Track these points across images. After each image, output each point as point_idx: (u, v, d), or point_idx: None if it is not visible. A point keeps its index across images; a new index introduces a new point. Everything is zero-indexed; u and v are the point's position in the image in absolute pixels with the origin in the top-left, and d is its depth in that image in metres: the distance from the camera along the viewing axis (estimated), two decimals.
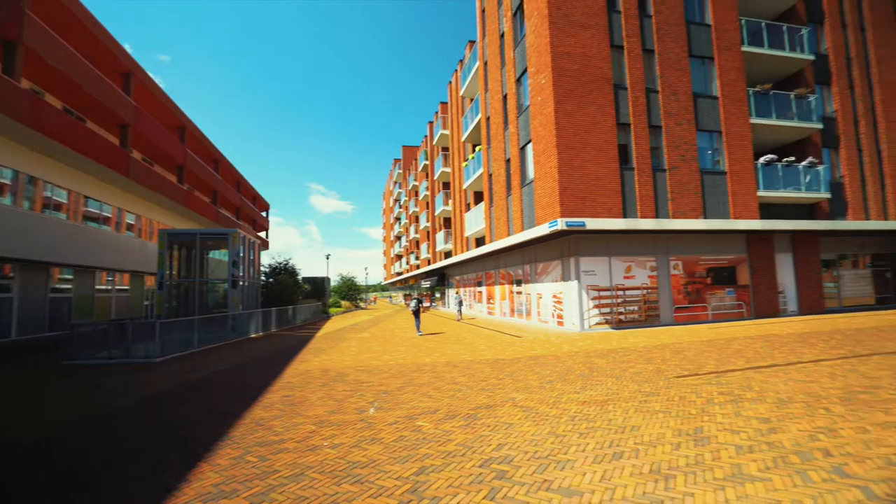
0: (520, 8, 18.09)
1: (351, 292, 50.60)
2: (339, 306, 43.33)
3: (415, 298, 20.31)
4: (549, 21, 15.02)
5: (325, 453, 4.48)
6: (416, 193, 50.60)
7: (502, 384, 7.35)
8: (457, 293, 30.77)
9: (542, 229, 14.37)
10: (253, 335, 17.84)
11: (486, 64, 22.95)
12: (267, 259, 54.75)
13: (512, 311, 20.84)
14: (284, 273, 29.22)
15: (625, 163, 15.27)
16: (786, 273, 17.81)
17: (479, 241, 26.09)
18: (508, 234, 19.15)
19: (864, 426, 4.59)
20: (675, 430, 4.69)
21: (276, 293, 25.06)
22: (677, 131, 15.85)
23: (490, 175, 21.95)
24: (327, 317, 31.98)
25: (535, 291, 18.03)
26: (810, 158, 17.75)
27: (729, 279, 16.75)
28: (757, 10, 19.19)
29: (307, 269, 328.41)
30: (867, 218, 18.99)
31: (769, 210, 17.43)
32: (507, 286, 21.55)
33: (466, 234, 26.39)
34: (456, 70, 33.16)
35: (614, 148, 14.98)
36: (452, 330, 17.87)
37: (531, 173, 16.77)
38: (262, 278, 27.60)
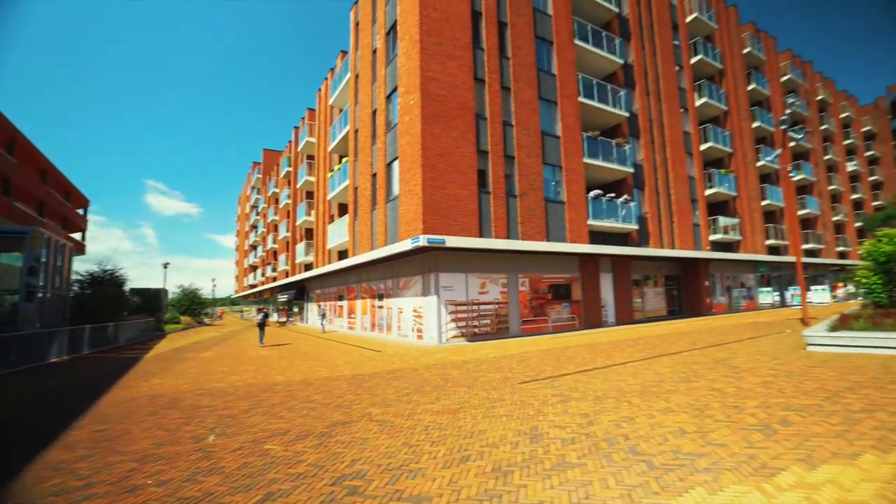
0: (393, 28, 18.53)
1: (193, 306, 44.41)
2: (178, 322, 37.78)
3: (262, 312, 19.00)
4: (421, 46, 15.69)
5: (149, 493, 3.79)
6: (277, 201, 47.39)
7: (359, 400, 7.19)
8: (319, 306, 29.40)
9: (405, 245, 14.66)
10: (55, 359, 14.44)
11: (357, 77, 22.86)
12: (84, 266, 45.23)
13: (373, 325, 20.68)
14: (106, 283, 24.36)
15: (483, 187, 16.56)
16: (607, 290, 21.15)
17: (342, 255, 25.47)
18: (372, 248, 19.08)
19: (651, 413, 5.62)
20: (515, 431, 5.12)
21: (93, 307, 20.72)
22: (528, 163, 17.82)
23: (356, 188, 21.72)
24: (162, 335, 27.59)
25: (397, 306, 18.22)
26: (625, 196, 21.57)
27: (565, 295, 19.20)
28: (591, 70, 22.83)
29: (141, 279, 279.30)
30: (662, 247, 23.72)
31: (596, 236, 20.56)
32: (369, 300, 21.35)
33: (329, 246, 25.55)
34: (326, 78, 32.35)
35: (474, 172, 16.15)
36: (310, 345, 16.98)
37: (396, 189, 17.08)
38: (75, 288, 22.64)
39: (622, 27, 24.62)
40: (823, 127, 44.13)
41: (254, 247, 61.47)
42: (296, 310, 37.98)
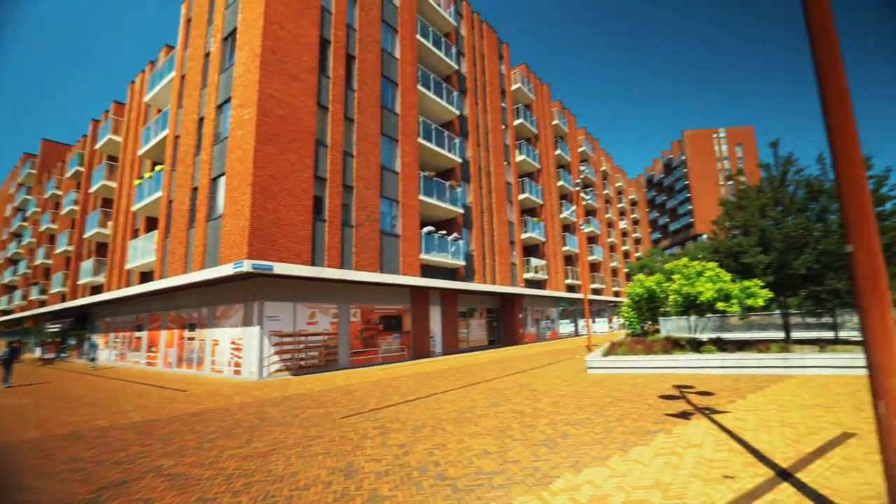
0: (232, 35, 17.24)
1: None
2: None
3: (11, 346, 15.09)
4: (262, 61, 14.92)
5: None
6: (58, 206, 38.10)
7: (148, 451, 6.08)
8: (88, 339, 24.08)
9: (227, 269, 13.31)
10: None
11: (184, 77, 20.40)
12: None
13: (180, 360, 17.88)
14: None
15: (318, 214, 16.19)
16: (436, 321, 22.41)
17: (146, 276, 21.68)
18: (186, 271, 16.74)
19: (462, 438, 6.09)
20: (330, 469, 4.96)
21: None
22: (366, 194, 18.13)
23: (171, 201, 18.97)
24: None
25: (212, 337, 16.18)
26: (455, 234, 23.54)
27: (396, 326, 19.68)
28: (431, 115, 24.75)
29: None
30: (486, 282, 26.37)
31: (427, 270, 21.79)
32: (176, 331, 18.47)
33: (129, 265, 21.50)
34: (144, 71, 28.01)
35: (310, 198, 15.72)
36: (87, 387, 13.78)
37: (221, 208, 15.50)
38: None
39: (460, 83, 27.51)
40: (605, 192, 55.77)
41: (13, 261, 47.65)
42: (72, 342, 30.44)
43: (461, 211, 24.08)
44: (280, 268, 13.64)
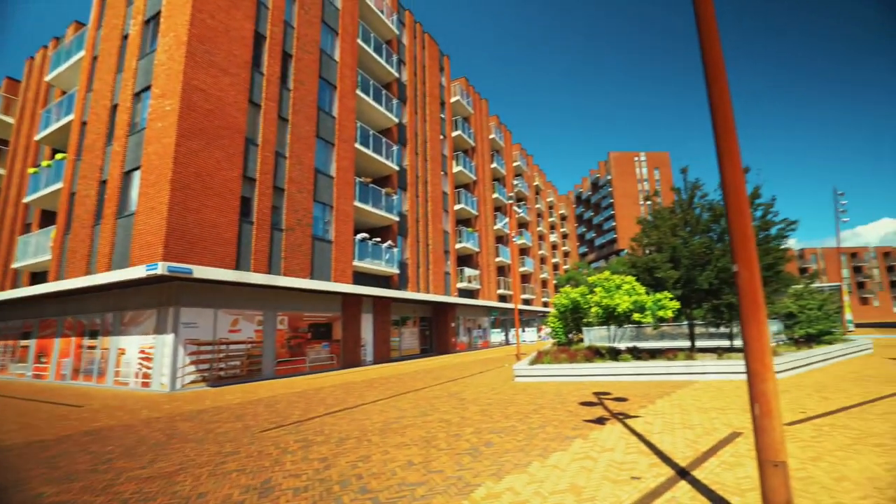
0: (155, 19, 16.00)
1: None
2: None
3: None
4: (188, 50, 14.01)
5: None
6: None
7: (27, 478, 5.36)
8: None
9: (138, 271, 12.26)
10: None
11: (95, 59, 18.58)
12: None
13: (77, 371, 16.07)
14: None
15: (245, 216, 15.41)
16: (367, 329, 22.08)
17: (38, 277, 19.30)
18: (88, 272, 15.13)
19: (386, 449, 6.03)
20: (243, 488, 4.69)
21: None
22: (298, 197, 17.55)
23: (73, 194, 17.11)
24: None
25: (117, 346, 14.73)
26: (389, 242, 23.44)
27: (326, 334, 19.14)
28: (369, 121, 24.56)
29: None
30: (419, 291, 26.45)
31: (360, 277, 21.46)
32: (74, 339, 16.59)
33: (17, 264, 19.02)
34: (46, 46, 25.13)
35: (237, 199, 14.93)
36: None
37: (134, 205, 14.23)
38: None
39: (400, 91, 27.62)
40: (538, 206, 58.36)
41: None
42: None
43: (397, 219, 24.05)
44: (200, 271, 12.78)
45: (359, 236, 21.21)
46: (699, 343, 17.93)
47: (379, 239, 23.01)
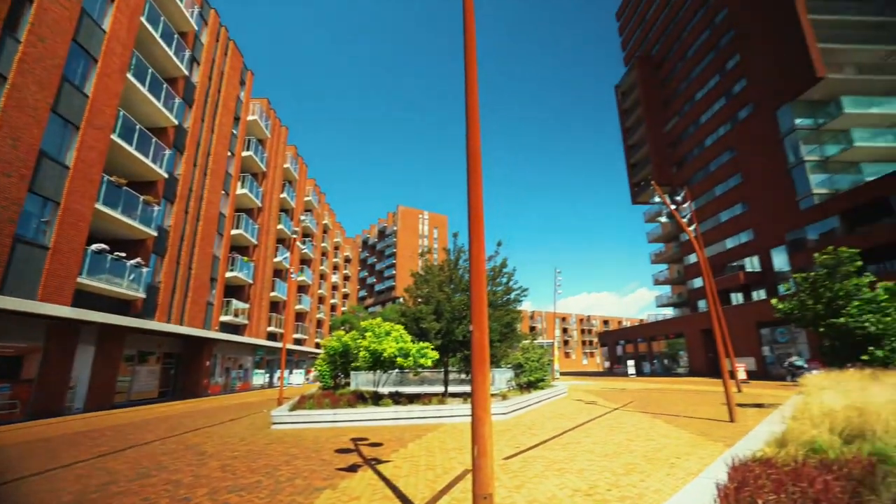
0: None
1: None
2: None
3: None
4: None
5: None
6: None
7: None
8: None
9: None
10: None
11: None
12: None
13: None
14: None
15: None
16: (83, 366, 17.07)
17: None
18: None
19: None
20: None
21: None
22: (3, 182, 12.96)
23: None
24: None
25: None
26: (139, 259, 19.28)
27: (10, 372, 13.96)
28: (139, 114, 20.46)
29: None
30: (170, 321, 22.21)
31: (87, 299, 16.79)
32: None
33: None
34: None
35: None
36: None
37: None
38: None
39: (187, 92, 24.18)
40: (324, 244, 57.72)
41: None
42: None
43: (154, 233, 20.12)
44: None
45: (94, 247, 16.78)
46: (453, 388, 20.20)
47: (124, 254, 18.66)
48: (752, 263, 37.27)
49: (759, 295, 36.11)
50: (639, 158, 56.40)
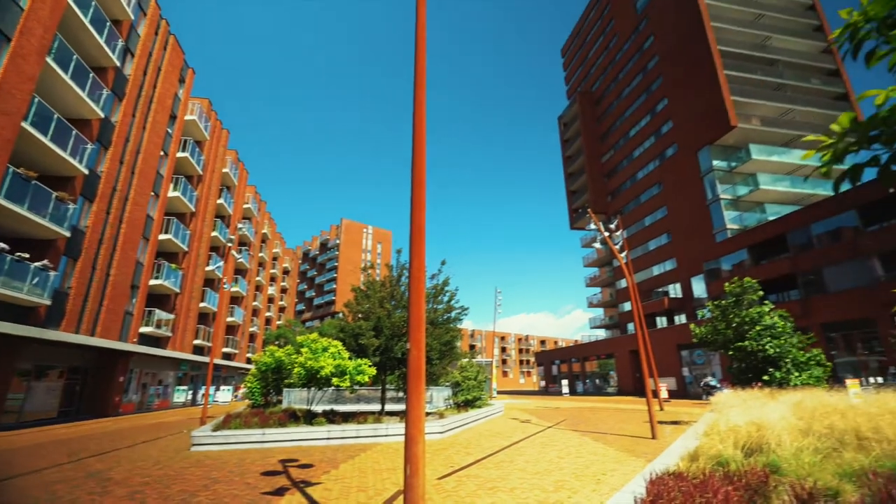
0: None
1: None
2: None
3: None
4: None
5: None
6: None
7: None
8: None
9: None
10: None
11: None
12: None
13: None
14: None
15: None
16: None
17: None
18: None
19: None
20: None
21: None
22: None
23: None
24: None
25: None
26: (46, 262, 17.38)
27: None
28: (58, 103, 18.72)
29: None
30: (79, 332, 20.08)
31: None
32: None
33: None
34: None
35: None
36: None
37: None
38: None
39: (118, 83, 22.52)
40: (261, 254, 55.20)
41: None
42: None
43: (67, 234, 18.29)
44: None
45: None
46: (390, 406, 19.81)
47: (28, 255, 16.75)
48: (675, 290, 40.26)
49: (680, 319, 38.97)
50: (577, 186, 59.58)
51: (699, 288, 36.92)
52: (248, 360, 50.49)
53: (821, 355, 13.61)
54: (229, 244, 20.74)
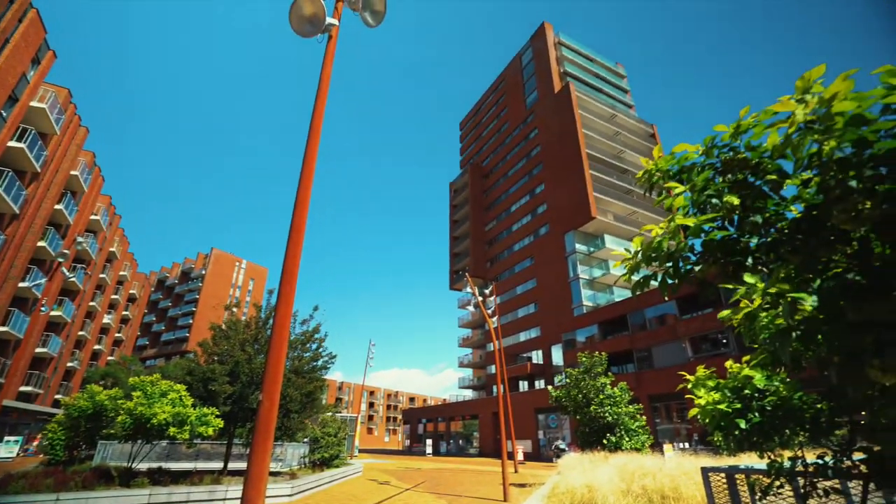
0: None
1: None
2: None
3: None
4: None
5: None
6: None
7: None
8: None
9: None
10: None
11: None
12: None
13: None
14: None
15: None
16: None
17: None
18: None
19: None
20: None
21: None
22: None
23: None
24: None
25: None
26: None
27: None
28: None
29: None
30: None
31: None
32: None
33: None
34: None
35: None
36: None
37: None
38: None
39: None
40: (103, 275, 46.95)
41: None
42: None
43: None
44: None
45: None
46: (235, 464, 17.46)
47: None
48: (538, 356, 43.58)
49: (540, 384, 41.96)
50: (461, 249, 62.97)
51: (558, 356, 40.51)
52: (56, 404, 41.07)
53: (644, 424, 15.73)
54: (60, 259, 17.42)
